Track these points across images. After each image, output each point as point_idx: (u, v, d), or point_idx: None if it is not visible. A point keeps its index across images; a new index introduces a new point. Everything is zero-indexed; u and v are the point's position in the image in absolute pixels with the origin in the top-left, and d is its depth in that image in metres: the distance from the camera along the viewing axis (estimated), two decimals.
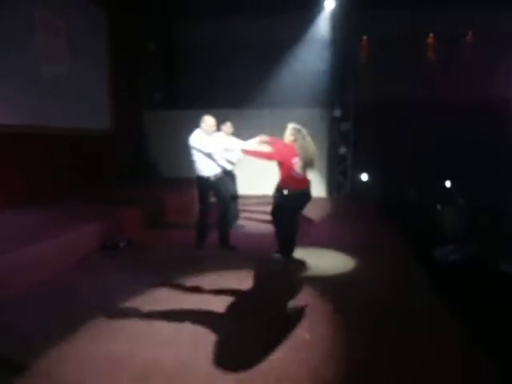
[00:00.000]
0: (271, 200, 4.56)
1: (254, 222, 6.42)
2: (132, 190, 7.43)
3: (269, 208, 4.70)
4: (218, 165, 4.85)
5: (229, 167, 5.49)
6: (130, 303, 3.40)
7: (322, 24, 9.25)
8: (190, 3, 9.28)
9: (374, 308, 3.35)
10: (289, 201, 4.29)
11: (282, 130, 5.58)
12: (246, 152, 4.54)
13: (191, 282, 3.89)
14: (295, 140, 4.26)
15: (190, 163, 4.84)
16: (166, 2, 9.29)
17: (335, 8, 8.89)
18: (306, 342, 2.78)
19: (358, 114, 9.25)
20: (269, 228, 4.97)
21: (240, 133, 5.56)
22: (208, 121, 4.72)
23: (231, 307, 3.34)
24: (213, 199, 4.97)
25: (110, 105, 8.34)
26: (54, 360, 2.57)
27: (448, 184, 8.67)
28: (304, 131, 4.31)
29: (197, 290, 3.70)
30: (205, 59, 10.02)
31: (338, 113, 9.30)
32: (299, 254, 4.52)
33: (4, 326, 2.97)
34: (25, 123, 6.03)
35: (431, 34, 9.53)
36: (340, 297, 3.56)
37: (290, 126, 4.37)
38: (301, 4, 8.54)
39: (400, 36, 9.18)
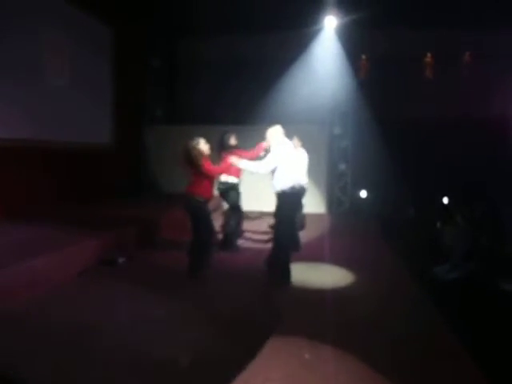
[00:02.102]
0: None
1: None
2: (132, 206, 7.41)
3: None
4: None
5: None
6: (125, 320, 3.37)
7: (323, 42, 9.41)
8: (193, 20, 9.45)
9: (375, 327, 3.33)
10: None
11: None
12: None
13: (189, 299, 3.87)
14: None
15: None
16: (170, 18, 9.46)
17: (335, 27, 9.06)
18: (306, 363, 2.75)
19: (357, 131, 9.34)
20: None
21: (242, 148, 5.58)
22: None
23: (229, 326, 3.31)
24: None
25: (112, 119, 8.41)
26: (48, 376, 2.53)
27: (446, 201, 8.69)
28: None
29: (195, 307, 3.68)
30: (207, 75, 10.16)
31: (337, 130, 9.40)
32: (298, 269, 4.51)
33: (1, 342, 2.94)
34: (26, 137, 6.06)
35: (429, 54, 9.71)
36: (339, 316, 3.53)
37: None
38: (302, 22, 8.70)
39: (398, 55, 9.35)
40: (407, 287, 4.35)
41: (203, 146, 4.45)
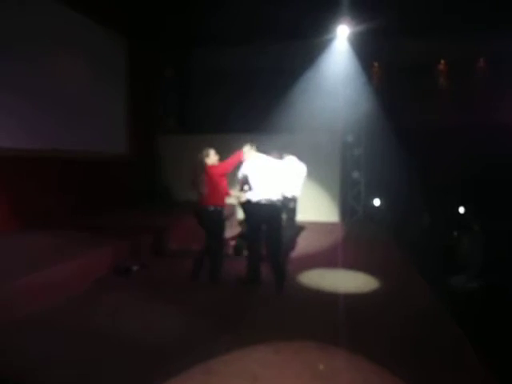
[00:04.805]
0: None
1: None
2: (146, 214, 7.47)
3: None
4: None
5: None
6: (138, 329, 3.37)
7: (336, 51, 9.43)
8: (205, 31, 9.57)
9: (391, 337, 3.26)
10: None
11: (294, 154, 5.57)
12: None
13: (203, 307, 3.87)
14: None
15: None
16: (183, 29, 9.59)
17: (348, 36, 9.08)
18: (322, 373, 2.71)
19: (371, 139, 9.29)
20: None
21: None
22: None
23: (242, 334, 3.29)
24: None
25: (126, 129, 8.52)
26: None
27: (462, 210, 8.54)
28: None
29: (209, 314, 3.68)
30: (219, 85, 10.25)
31: (350, 138, 9.37)
32: (312, 277, 4.47)
33: (13, 351, 2.97)
34: (41, 147, 6.18)
35: (442, 61, 9.64)
36: (355, 325, 3.48)
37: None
38: (315, 32, 8.74)
39: (411, 63, 9.31)
40: (424, 297, 4.26)
41: (209, 157, 4.61)
